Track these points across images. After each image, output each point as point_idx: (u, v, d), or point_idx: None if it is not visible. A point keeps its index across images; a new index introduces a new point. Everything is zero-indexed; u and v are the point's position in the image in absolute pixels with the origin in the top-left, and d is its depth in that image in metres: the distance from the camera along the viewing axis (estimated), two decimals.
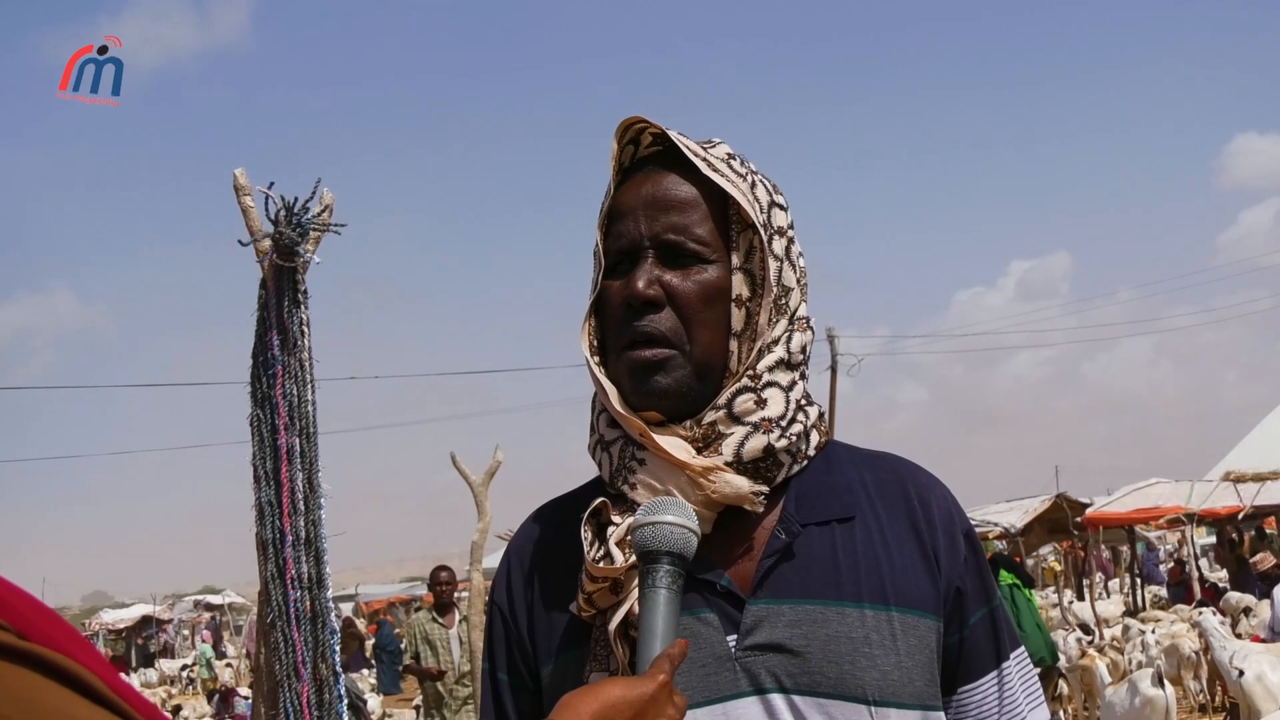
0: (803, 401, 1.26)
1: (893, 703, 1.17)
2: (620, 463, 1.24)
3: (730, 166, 1.24)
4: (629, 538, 1.17)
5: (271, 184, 3.99)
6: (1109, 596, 19.89)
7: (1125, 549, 21.59)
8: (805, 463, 1.26)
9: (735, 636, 1.19)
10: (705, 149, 1.25)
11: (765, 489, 1.22)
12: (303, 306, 4.02)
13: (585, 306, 1.28)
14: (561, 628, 1.26)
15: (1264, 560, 12.43)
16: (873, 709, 1.16)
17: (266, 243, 4.04)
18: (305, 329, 4.01)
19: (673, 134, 1.24)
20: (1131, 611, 15.79)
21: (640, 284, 1.20)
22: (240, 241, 4.15)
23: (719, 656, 1.19)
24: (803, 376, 1.27)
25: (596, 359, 1.27)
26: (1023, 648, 1.32)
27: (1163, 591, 19.02)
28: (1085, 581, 18.62)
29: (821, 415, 1.30)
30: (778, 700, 1.17)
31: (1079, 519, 17.48)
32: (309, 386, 3.97)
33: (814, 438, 1.28)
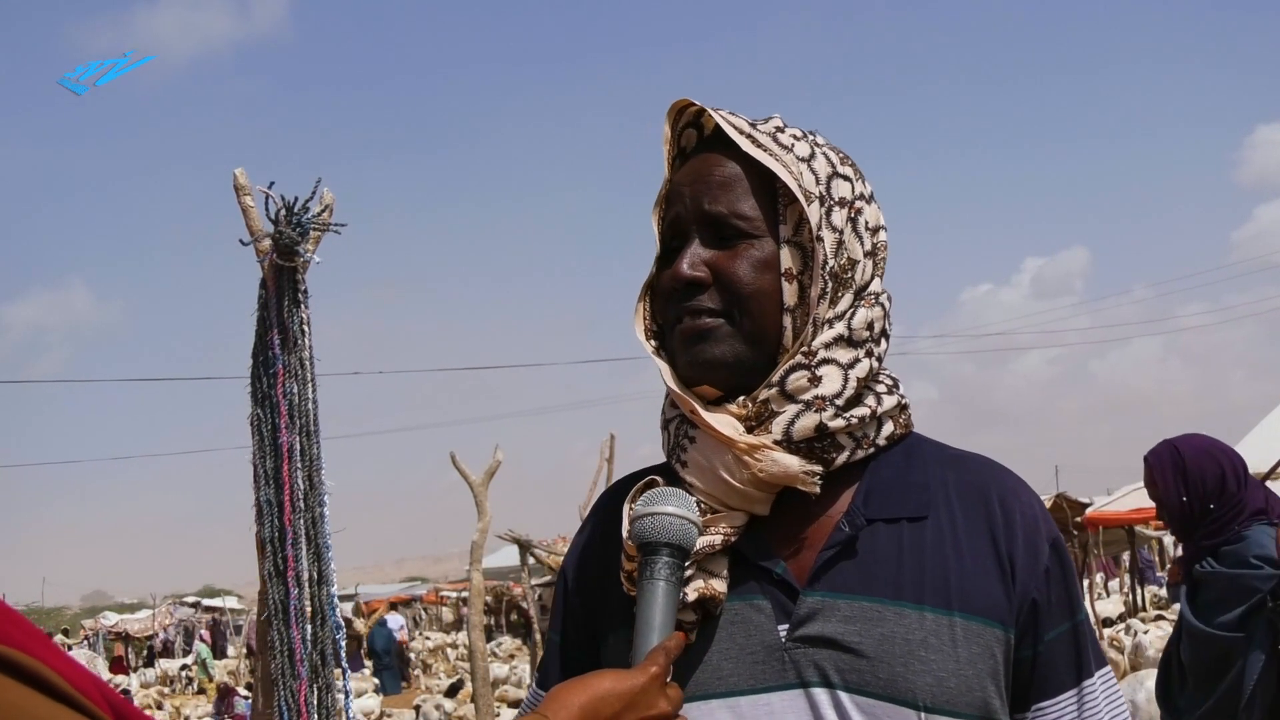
0: (871, 383, 1.22)
1: (945, 710, 1.12)
2: (675, 441, 1.24)
3: (776, 140, 1.22)
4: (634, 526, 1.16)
5: (271, 184, 4.00)
6: (1109, 596, 19.88)
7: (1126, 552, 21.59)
8: (871, 450, 1.22)
9: (786, 627, 1.16)
10: (755, 125, 1.23)
11: (819, 469, 1.18)
12: (303, 306, 4.03)
13: (642, 287, 1.29)
14: (618, 604, 1.24)
15: None
16: (923, 715, 1.12)
17: (267, 242, 4.05)
18: (306, 328, 4.01)
19: (717, 114, 1.23)
20: (1131, 611, 15.78)
21: (684, 265, 1.20)
22: (241, 241, 4.16)
23: (768, 646, 1.16)
24: (870, 355, 1.22)
25: (654, 342, 1.27)
26: (1109, 667, 1.25)
27: (1162, 592, 19.02)
28: (1085, 581, 18.61)
29: (903, 406, 1.26)
30: (823, 696, 1.13)
31: (1079, 519, 17.46)
32: (310, 385, 3.97)
33: (887, 427, 1.24)
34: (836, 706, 1.13)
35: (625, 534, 1.18)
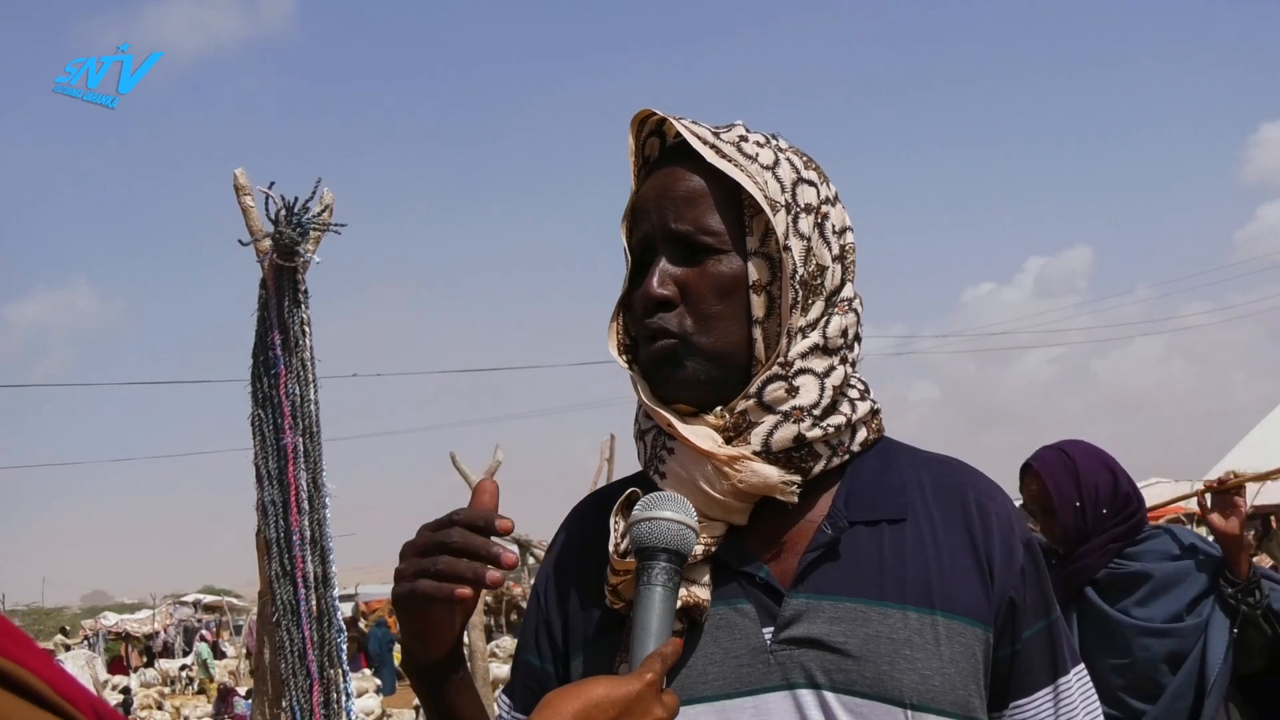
0: (846, 390, 1.23)
1: (931, 708, 1.13)
2: (652, 452, 1.24)
3: (740, 149, 1.21)
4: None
5: (272, 184, 4.00)
6: None
7: None
8: (847, 457, 1.23)
9: (771, 629, 1.17)
10: (718, 134, 1.22)
11: (798, 479, 1.20)
12: (303, 306, 4.03)
13: (615, 304, 1.28)
14: (596, 617, 1.25)
15: (1260, 561, 12.50)
16: (909, 713, 1.13)
17: (267, 242, 4.06)
18: (306, 328, 4.01)
19: (680, 124, 1.22)
20: None
21: (653, 284, 1.19)
22: (240, 241, 4.17)
23: (753, 648, 1.16)
24: (844, 361, 1.22)
25: (626, 357, 1.27)
26: (1083, 664, 1.27)
27: None
28: None
29: (876, 412, 1.27)
30: (810, 696, 1.14)
31: None
32: (311, 386, 3.97)
33: (861, 433, 1.24)
34: (823, 706, 1.14)
35: (612, 548, 1.18)
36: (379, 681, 18.02)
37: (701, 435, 1.19)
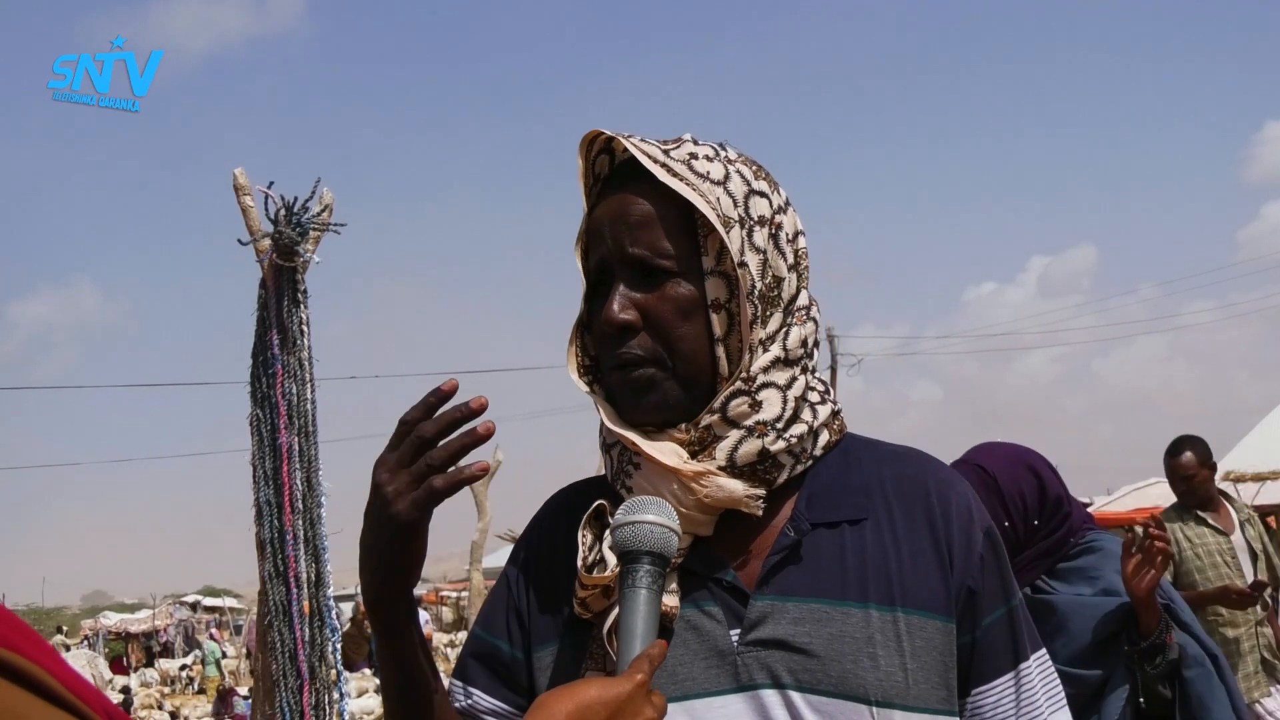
0: (808, 398, 1.24)
1: (896, 704, 1.15)
2: (619, 466, 1.25)
3: (691, 167, 1.21)
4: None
5: (271, 183, 4.00)
6: None
7: None
8: (810, 462, 1.25)
9: (738, 631, 1.19)
10: (668, 151, 1.23)
11: (762, 492, 1.21)
12: (302, 306, 4.04)
13: (573, 326, 1.29)
14: (564, 616, 1.26)
15: None
16: (874, 710, 1.15)
17: (266, 242, 4.06)
18: (305, 328, 4.02)
19: (629, 143, 1.22)
20: None
21: (615, 309, 1.20)
22: (240, 241, 4.17)
23: (720, 650, 1.18)
24: (805, 370, 1.25)
25: (587, 379, 1.28)
26: (1044, 649, 1.29)
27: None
28: None
29: (836, 414, 1.28)
30: (777, 696, 1.16)
31: None
32: (308, 385, 3.98)
33: (823, 437, 1.26)
34: (788, 706, 1.16)
35: (580, 562, 1.19)
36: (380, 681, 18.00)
37: (666, 451, 1.20)
